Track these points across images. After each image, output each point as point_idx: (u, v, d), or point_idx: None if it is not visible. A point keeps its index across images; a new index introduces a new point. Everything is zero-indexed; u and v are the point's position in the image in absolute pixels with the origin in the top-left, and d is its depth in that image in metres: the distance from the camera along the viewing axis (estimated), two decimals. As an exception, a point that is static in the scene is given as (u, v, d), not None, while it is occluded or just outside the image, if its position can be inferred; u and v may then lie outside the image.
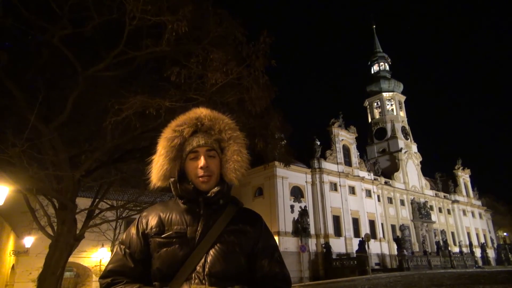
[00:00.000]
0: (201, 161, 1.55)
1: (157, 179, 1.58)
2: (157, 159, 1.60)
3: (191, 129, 1.62)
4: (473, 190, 60.39)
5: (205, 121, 1.64)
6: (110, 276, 1.49)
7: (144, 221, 1.59)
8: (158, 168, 1.58)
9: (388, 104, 55.29)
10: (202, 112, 1.67)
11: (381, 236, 41.34)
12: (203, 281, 1.42)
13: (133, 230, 1.59)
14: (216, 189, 1.55)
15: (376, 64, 59.38)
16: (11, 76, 8.66)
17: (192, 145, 1.58)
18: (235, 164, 1.59)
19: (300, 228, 33.94)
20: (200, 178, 1.55)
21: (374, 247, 37.99)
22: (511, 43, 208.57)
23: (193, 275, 1.44)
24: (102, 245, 24.36)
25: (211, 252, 1.47)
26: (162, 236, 1.52)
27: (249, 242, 1.56)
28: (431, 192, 52.09)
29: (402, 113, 55.80)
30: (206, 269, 1.44)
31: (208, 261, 1.46)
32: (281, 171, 33.53)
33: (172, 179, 1.58)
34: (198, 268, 1.45)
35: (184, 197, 1.57)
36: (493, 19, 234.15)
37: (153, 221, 1.57)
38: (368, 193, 42.19)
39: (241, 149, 1.63)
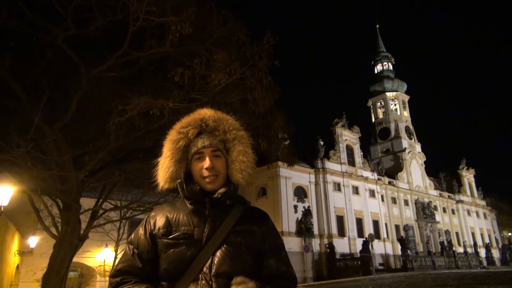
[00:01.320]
0: (206, 162, 1.55)
1: (163, 181, 1.59)
2: (162, 161, 1.61)
3: (195, 130, 1.62)
4: (477, 190, 60.12)
5: (209, 122, 1.64)
6: (119, 276, 1.51)
7: (152, 221, 1.60)
8: (164, 170, 1.59)
9: (391, 104, 55.16)
10: (206, 113, 1.67)
11: (385, 236, 41.23)
12: (210, 282, 1.43)
13: (141, 231, 1.60)
14: (222, 190, 1.56)
15: (380, 64, 59.27)
16: (15, 77, 8.70)
17: (197, 146, 1.58)
18: (241, 165, 1.60)
19: (304, 228, 33.90)
20: (206, 179, 1.55)
21: (378, 247, 37.93)
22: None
23: (200, 276, 1.45)
24: (106, 245, 24.39)
25: (218, 253, 1.48)
26: (170, 237, 1.53)
27: (256, 241, 1.56)
28: (435, 192, 51.90)
29: (406, 113, 55.64)
30: (213, 270, 1.45)
31: (215, 262, 1.47)
32: (284, 171, 33.51)
33: (178, 180, 1.58)
34: (205, 269, 1.46)
35: (191, 198, 1.58)
36: (499, 18, 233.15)
37: (160, 222, 1.58)
38: (372, 193, 42.09)
39: (246, 149, 1.63)
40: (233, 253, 1.49)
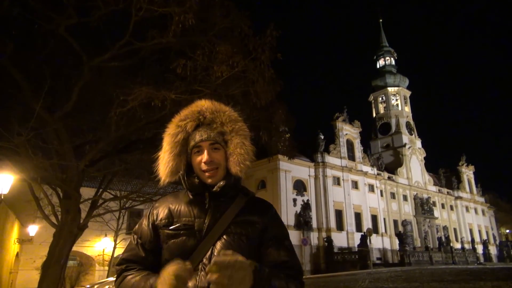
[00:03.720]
0: (204, 156, 1.55)
1: (164, 176, 1.60)
2: (162, 155, 1.61)
3: (193, 123, 1.61)
4: (476, 186, 60.27)
5: (206, 114, 1.63)
6: (124, 264, 1.55)
7: (155, 212, 1.62)
8: (164, 164, 1.59)
9: (393, 99, 55.01)
10: (203, 105, 1.65)
11: (383, 231, 41.40)
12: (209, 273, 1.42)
13: (144, 221, 1.63)
14: (222, 183, 1.55)
15: (382, 59, 59.00)
16: (17, 65, 8.67)
17: (195, 140, 1.58)
18: (238, 157, 1.58)
19: (302, 222, 34.04)
20: (206, 173, 1.55)
21: (376, 241, 38.08)
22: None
23: (200, 267, 1.45)
24: (105, 235, 24.54)
25: (218, 244, 1.48)
26: (170, 228, 1.54)
27: (256, 232, 1.55)
28: (434, 188, 52.01)
29: (407, 108, 55.52)
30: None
31: (215, 253, 1.46)
32: (284, 164, 33.56)
33: (181, 172, 1.59)
34: (204, 260, 1.46)
35: (192, 190, 1.59)
36: (502, 15, 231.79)
37: (162, 212, 1.59)
38: (371, 188, 42.17)
39: (244, 142, 1.62)
40: (233, 245, 1.48)
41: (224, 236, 1.49)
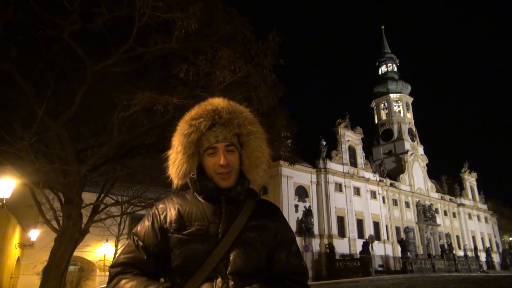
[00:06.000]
0: (221, 159, 1.48)
1: (177, 178, 1.53)
2: (174, 156, 1.53)
3: (208, 123, 1.52)
4: (479, 193, 59.99)
5: (223, 114, 1.54)
6: (120, 266, 1.44)
7: (161, 214, 1.52)
8: (177, 166, 1.52)
9: (395, 106, 55.03)
10: (219, 103, 1.57)
11: (385, 238, 41.20)
12: (226, 280, 1.38)
13: (148, 223, 1.52)
14: (239, 188, 1.51)
15: (384, 65, 59.12)
16: (20, 70, 8.71)
17: (210, 141, 1.50)
18: (256, 161, 1.53)
19: (304, 228, 33.91)
20: (220, 175, 1.49)
21: (378, 248, 37.91)
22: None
23: (215, 273, 1.39)
24: (107, 240, 24.47)
25: (233, 249, 1.43)
26: (183, 232, 1.45)
27: (269, 237, 1.52)
28: (436, 195, 51.81)
29: (409, 115, 55.52)
30: (229, 268, 1.40)
31: (231, 259, 1.41)
32: (286, 170, 33.49)
33: (191, 174, 1.53)
34: (220, 266, 1.40)
35: (203, 193, 1.53)
36: (505, 22, 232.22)
37: (172, 215, 1.50)
38: (373, 195, 42.03)
39: (261, 145, 1.56)
40: (248, 250, 1.44)
41: (239, 241, 1.45)
